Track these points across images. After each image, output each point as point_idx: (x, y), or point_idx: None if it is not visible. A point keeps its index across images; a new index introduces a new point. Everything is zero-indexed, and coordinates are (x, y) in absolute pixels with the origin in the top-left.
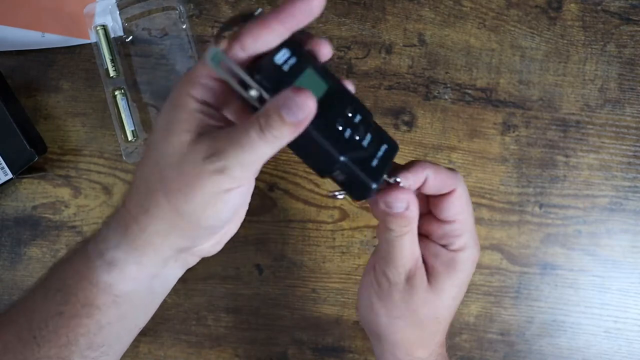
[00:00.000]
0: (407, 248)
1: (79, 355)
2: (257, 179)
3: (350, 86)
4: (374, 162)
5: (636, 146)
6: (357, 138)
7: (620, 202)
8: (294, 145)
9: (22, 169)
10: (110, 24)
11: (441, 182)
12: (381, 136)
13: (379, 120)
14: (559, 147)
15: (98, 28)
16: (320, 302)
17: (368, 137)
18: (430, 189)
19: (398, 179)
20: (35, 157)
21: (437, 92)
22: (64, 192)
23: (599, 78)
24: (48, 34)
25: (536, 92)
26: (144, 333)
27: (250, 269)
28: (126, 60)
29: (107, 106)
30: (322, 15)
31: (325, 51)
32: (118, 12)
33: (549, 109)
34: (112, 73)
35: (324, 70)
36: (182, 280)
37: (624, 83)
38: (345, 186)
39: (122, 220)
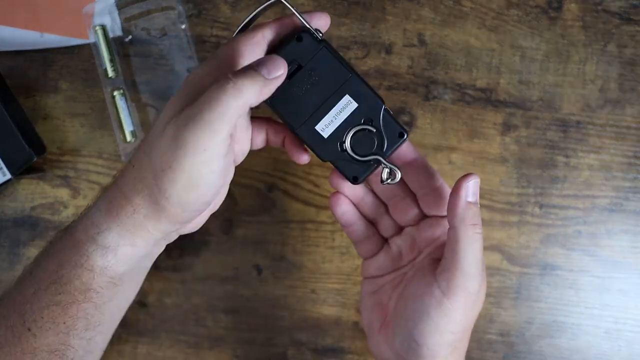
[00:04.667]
0: (482, 250)
1: (77, 337)
2: (256, 179)
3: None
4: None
5: (636, 147)
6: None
7: (621, 202)
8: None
9: (21, 169)
10: (109, 24)
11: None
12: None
13: None
14: (559, 148)
15: (97, 28)
16: (320, 302)
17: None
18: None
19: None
20: (33, 158)
21: (436, 92)
22: (63, 193)
23: (599, 78)
24: (47, 34)
25: (536, 92)
26: (142, 334)
27: (250, 269)
28: (125, 61)
29: (106, 106)
30: None
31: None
32: (117, 12)
33: (549, 109)
34: (111, 73)
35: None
36: (181, 281)
37: (625, 83)
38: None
39: (114, 201)
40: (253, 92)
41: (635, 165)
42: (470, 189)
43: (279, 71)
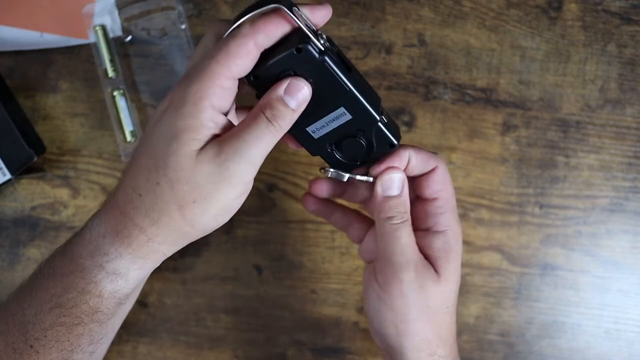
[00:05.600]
0: (409, 238)
1: (81, 351)
2: (256, 179)
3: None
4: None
5: (637, 147)
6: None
7: (621, 202)
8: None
9: (21, 169)
10: (109, 24)
11: (423, 161)
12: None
13: None
14: (559, 148)
15: (97, 28)
16: (320, 302)
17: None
18: (413, 170)
19: (370, 179)
20: (33, 158)
21: (437, 92)
22: (63, 193)
23: (599, 78)
24: (46, 34)
25: (536, 93)
26: (143, 334)
27: (250, 269)
28: (125, 61)
29: (106, 106)
30: None
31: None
32: (117, 12)
33: (549, 109)
34: (110, 73)
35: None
36: (182, 281)
37: (625, 83)
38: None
39: (124, 231)
40: (289, 126)
41: (635, 165)
42: (385, 184)
43: (306, 97)
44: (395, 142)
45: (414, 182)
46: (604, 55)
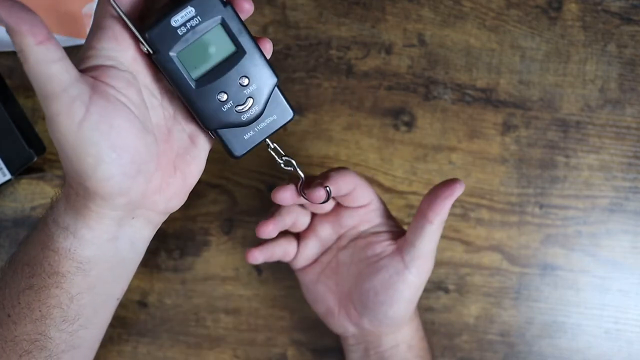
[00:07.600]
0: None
1: (56, 329)
2: (256, 179)
3: (267, 44)
4: (248, 134)
5: (637, 147)
6: (238, 110)
7: (621, 202)
8: (185, 100)
9: (21, 169)
10: None
11: (346, 186)
12: (275, 106)
13: (378, 121)
14: (559, 148)
15: None
16: None
17: (254, 109)
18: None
19: (301, 175)
20: (34, 158)
21: (436, 92)
22: None
23: (599, 78)
24: None
25: (536, 93)
26: (142, 334)
27: (250, 269)
28: None
29: None
30: (321, 15)
31: (245, 6)
32: None
33: (549, 109)
34: None
35: (239, 31)
36: (181, 281)
37: (625, 83)
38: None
39: (67, 187)
40: (28, 46)
41: (635, 165)
42: (455, 197)
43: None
44: (292, 112)
45: (344, 198)
46: (604, 55)
